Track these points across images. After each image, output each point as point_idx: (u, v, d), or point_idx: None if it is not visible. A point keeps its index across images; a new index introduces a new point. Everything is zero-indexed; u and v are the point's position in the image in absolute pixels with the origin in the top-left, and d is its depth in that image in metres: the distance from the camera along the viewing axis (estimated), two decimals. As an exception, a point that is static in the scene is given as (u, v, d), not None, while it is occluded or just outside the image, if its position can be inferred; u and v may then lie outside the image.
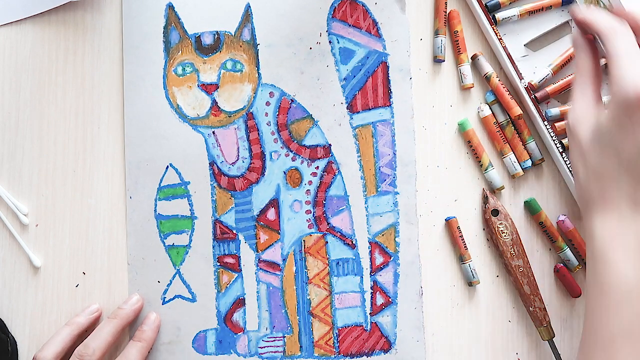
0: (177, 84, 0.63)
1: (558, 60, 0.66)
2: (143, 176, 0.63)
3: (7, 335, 0.61)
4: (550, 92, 0.66)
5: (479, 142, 0.65)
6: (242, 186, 0.63)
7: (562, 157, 0.65)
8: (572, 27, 0.67)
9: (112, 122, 0.63)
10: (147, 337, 0.61)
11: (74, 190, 0.63)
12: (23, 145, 0.62)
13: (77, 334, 0.60)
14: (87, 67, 0.63)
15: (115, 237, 0.63)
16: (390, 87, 0.64)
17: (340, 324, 0.64)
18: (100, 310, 0.62)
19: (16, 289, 0.62)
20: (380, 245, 0.64)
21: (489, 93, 0.65)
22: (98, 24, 0.63)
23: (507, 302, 0.66)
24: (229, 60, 0.63)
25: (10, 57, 0.63)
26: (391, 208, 0.64)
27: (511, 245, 0.64)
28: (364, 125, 0.64)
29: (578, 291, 0.66)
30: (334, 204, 0.64)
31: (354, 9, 0.64)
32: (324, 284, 0.64)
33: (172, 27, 0.63)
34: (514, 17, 0.65)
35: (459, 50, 0.65)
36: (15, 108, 0.62)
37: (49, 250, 0.62)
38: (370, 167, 0.64)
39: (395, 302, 0.64)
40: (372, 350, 0.64)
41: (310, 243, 0.64)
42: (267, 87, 0.64)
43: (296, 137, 0.64)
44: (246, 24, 0.63)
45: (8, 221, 0.62)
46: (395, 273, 0.64)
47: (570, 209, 0.67)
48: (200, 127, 0.63)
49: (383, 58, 0.64)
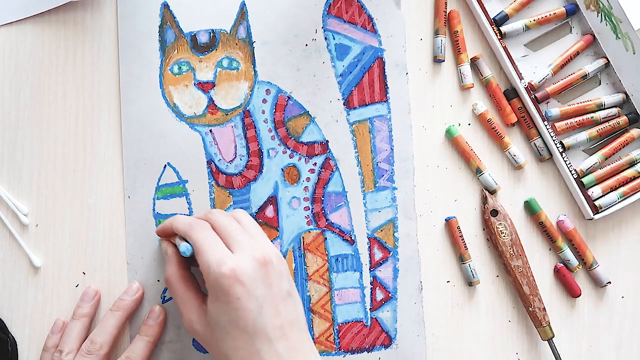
0: (174, 83, 0.63)
1: (558, 60, 0.66)
2: (141, 175, 0.63)
3: (7, 335, 0.61)
4: (550, 92, 0.66)
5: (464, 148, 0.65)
6: (240, 184, 0.63)
7: (562, 157, 0.65)
8: (572, 27, 0.67)
9: (112, 122, 0.63)
10: (154, 332, 0.61)
11: (74, 190, 0.63)
12: (23, 145, 0.63)
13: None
14: (87, 67, 0.63)
15: (115, 237, 0.63)
16: (386, 82, 0.65)
17: (341, 320, 0.63)
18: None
19: (16, 289, 0.62)
20: (379, 240, 0.64)
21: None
22: (98, 24, 0.64)
23: (507, 302, 0.66)
24: (225, 59, 0.64)
25: (10, 57, 0.63)
26: (389, 203, 0.64)
27: (510, 246, 0.64)
28: (361, 121, 0.64)
29: (578, 291, 0.66)
30: (332, 200, 0.64)
31: (349, 5, 0.65)
32: (323, 280, 0.63)
33: (167, 26, 0.63)
34: (519, 30, 0.66)
35: (459, 50, 0.66)
36: (15, 108, 0.63)
37: (49, 250, 0.62)
38: (368, 162, 0.64)
39: (395, 298, 0.63)
40: (372, 345, 0.63)
41: (309, 240, 0.64)
42: (263, 85, 0.64)
43: (293, 134, 0.64)
44: (241, 21, 0.64)
45: (8, 221, 0.62)
46: (394, 268, 0.64)
47: (570, 209, 0.67)
48: (197, 126, 0.63)
49: (379, 54, 0.65)
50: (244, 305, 0.52)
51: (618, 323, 0.67)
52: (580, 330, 0.66)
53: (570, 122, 0.66)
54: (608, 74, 0.67)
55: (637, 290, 0.67)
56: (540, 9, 0.67)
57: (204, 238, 0.55)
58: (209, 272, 0.53)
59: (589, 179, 0.66)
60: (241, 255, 0.54)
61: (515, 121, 0.66)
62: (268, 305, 0.53)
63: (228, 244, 0.55)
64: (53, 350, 0.60)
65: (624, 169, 0.67)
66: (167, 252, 0.60)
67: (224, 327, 0.53)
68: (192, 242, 0.56)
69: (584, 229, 0.67)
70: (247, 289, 0.52)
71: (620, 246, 0.67)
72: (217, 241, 0.55)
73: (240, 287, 0.52)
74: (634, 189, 0.66)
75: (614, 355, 0.66)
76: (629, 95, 0.66)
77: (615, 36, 0.65)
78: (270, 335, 0.52)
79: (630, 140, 0.66)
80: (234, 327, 0.52)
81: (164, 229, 0.60)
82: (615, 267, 0.67)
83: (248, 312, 0.52)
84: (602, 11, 0.65)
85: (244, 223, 0.58)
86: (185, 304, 0.57)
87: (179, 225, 0.58)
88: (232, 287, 0.52)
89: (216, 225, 0.57)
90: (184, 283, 0.58)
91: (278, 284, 0.54)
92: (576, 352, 0.66)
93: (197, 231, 0.56)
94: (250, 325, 0.52)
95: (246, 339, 0.52)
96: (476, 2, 0.65)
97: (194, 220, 0.57)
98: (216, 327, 0.54)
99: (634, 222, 0.68)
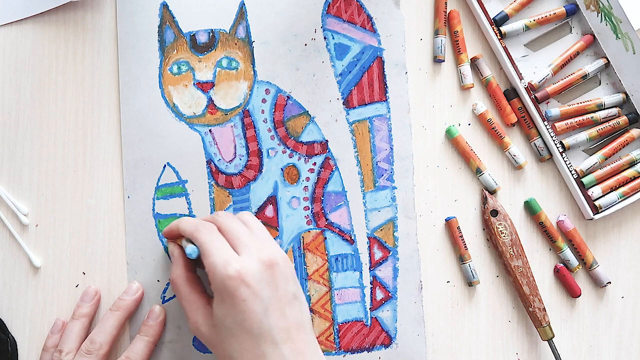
0: (173, 83, 0.63)
1: (558, 60, 0.66)
2: (141, 175, 0.63)
3: (7, 335, 0.61)
4: (550, 92, 0.66)
5: (464, 148, 0.65)
6: (240, 184, 0.63)
7: (562, 157, 0.65)
8: (571, 27, 0.67)
9: (112, 122, 0.63)
10: (154, 332, 0.61)
11: (74, 190, 0.63)
12: (23, 145, 0.63)
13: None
14: (87, 67, 0.63)
15: (115, 237, 0.63)
16: (386, 82, 0.65)
17: (341, 319, 0.63)
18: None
19: (16, 289, 0.62)
20: (379, 240, 0.64)
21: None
22: (98, 24, 0.64)
23: (507, 302, 0.66)
24: (224, 58, 0.64)
25: (10, 57, 0.63)
26: (389, 203, 0.64)
27: (510, 246, 0.64)
28: (361, 121, 0.64)
29: (578, 291, 0.66)
30: (332, 200, 0.64)
31: (348, 4, 0.65)
32: (323, 280, 0.63)
33: (166, 26, 0.63)
34: (519, 30, 0.66)
35: (459, 50, 0.66)
36: (15, 108, 0.63)
37: (49, 250, 0.62)
38: (368, 162, 0.64)
39: (395, 297, 0.63)
40: (373, 345, 0.63)
41: (309, 239, 0.64)
42: (262, 85, 0.64)
43: (293, 134, 0.64)
44: (241, 21, 0.64)
45: (8, 221, 0.62)
46: (394, 268, 0.64)
47: (570, 209, 0.67)
48: (196, 126, 0.63)
49: (378, 53, 0.65)
50: (250, 307, 0.52)
51: (618, 323, 0.67)
52: (580, 330, 0.66)
53: (570, 122, 0.66)
54: (608, 74, 0.67)
55: (637, 290, 0.67)
56: (540, 9, 0.67)
57: (210, 240, 0.55)
58: (215, 273, 0.53)
59: (589, 179, 0.66)
60: (247, 257, 0.54)
61: (515, 121, 0.66)
62: (274, 308, 0.53)
63: (234, 246, 0.55)
64: (53, 350, 0.60)
65: (624, 169, 0.67)
66: (174, 253, 0.60)
67: (229, 329, 0.53)
68: (198, 244, 0.56)
69: (584, 229, 0.67)
70: (253, 290, 0.52)
71: (620, 246, 0.67)
72: (223, 243, 0.55)
73: (246, 289, 0.52)
74: (634, 189, 0.66)
75: (614, 355, 0.66)
76: (629, 95, 0.66)
77: (615, 36, 0.65)
78: (275, 337, 0.52)
79: (630, 140, 0.66)
80: (240, 329, 0.52)
81: (171, 230, 0.60)
82: (615, 267, 0.67)
83: (254, 314, 0.52)
84: (602, 11, 0.65)
85: (251, 225, 0.58)
86: (190, 305, 0.57)
87: (186, 227, 0.58)
88: (238, 289, 0.52)
89: (222, 228, 0.57)
90: (190, 285, 0.58)
91: (284, 287, 0.54)
92: (576, 352, 0.66)
93: (204, 233, 0.56)
94: (256, 328, 0.52)
95: (251, 341, 0.52)
96: (476, 2, 0.65)
97: (200, 222, 0.57)
98: (222, 329, 0.54)
99: (634, 222, 0.68)
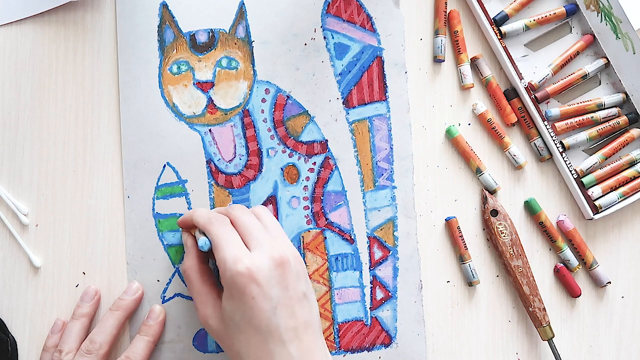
0: (173, 83, 0.63)
1: (558, 60, 0.66)
2: (140, 175, 0.63)
3: (7, 335, 0.61)
4: (550, 92, 0.66)
5: (464, 148, 0.65)
6: (240, 183, 0.63)
7: (562, 157, 0.65)
8: (571, 27, 0.67)
9: (112, 122, 0.63)
10: (154, 332, 0.61)
11: (74, 190, 0.63)
12: (23, 145, 0.63)
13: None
14: (87, 67, 0.64)
15: (115, 237, 0.63)
16: (385, 81, 0.65)
17: (341, 319, 0.63)
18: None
19: (16, 289, 0.62)
20: (379, 239, 0.64)
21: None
22: (98, 24, 0.64)
23: (507, 302, 0.66)
24: (224, 58, 0.64)
25: (10, 57, 0.63)
26: (389, 202, 0.64)
27: (510, 246, 0.64)
28: (360, 120, 0.64)
29: (578, 291, 0.66)
30: (331, 200, 0.64)
31: (348, 4, 0.65)
32: (323, 279, 0.63)
33: (166, 26, 0.63)
34: (519, 30, 0.66)
35: (459, 50, 0.66)
36: (15, 108, 0.63)
37: (49, 250, 0.63)
38: (368, 161, 0.64)
39: (395, 296, 0.63)
40: (373, 344, 0.63)
41: (309, 239, 0.63)
42: (262, 84, 0.64)
43: (293, 134, 0.64)
44: (240, 21, 0.64)
45: (8, 221, 0.62)
46: (394, 267, 0.64)
47: (570, 209, 0.67)
48: (196, 125, 0.63)
49: (378, 52, 0.65)
50: (259, 305, 0.52)
51: (618, 323, 0.67)
52: (580, 330, 0.66)
53: (570, 122, 0.66)
54: (608, 74, 0.67)
55: (637, 290, 0.67)
56: (540, 9, 0.67)
57: (222, 234, 0.55)
58: (225, 268, 0.53)
59: (589, 179, 0.66)
60: (258, 253, 0.54)
61: (515, 121, 0.66)
62: (283, 307, 0.53)
63: (246, 241, 0.55)
64: (53, 350, 0.60)
65: (624, 169, 0.67)
66: (187, 244, 0.59)
67: (237, 325, 0.53)
68: (210, 237, 0.55)
69: (584, 229, 0.67)
70: (262, 288, 0.52)
71: (620, 246, 0.67)
72: (235, 238, 0.55)
73: (256, 287, 0.52)
74: (634, 189, 0.66)
75: (614, 355, 0.66)
76: (629, 95, 0.66)
77: (615, 36, 0.65)
78: (283, 336, 0.52)
79: (630, 140, 0.66)
80: (248, 325, 0.52)
81: (185, 220, 0.60)
82: (615, 267, 0.67)
83: (262, 312, 0.52)
84: (602, 11, 0.65)
85: (264, 220, 0.58)
86: (201, 297, 0.57)
87: (199, 218, 0.57)
88: (248, 286, 0.52)
89: (236, 221, 0.56)
90: (201, 276, 0.58)
91: (294, 286, 0.54)
92: (576, 352, 0.66)
93: (216, 226, 0.55)
94: (264, 325, 0.52)
95: (259, 339, 0.52)
96: (476, 2, 0.65)
97: (214, 215, 0.57)
98: (230, 324, 0.54)
99: (634, 222, 0.67)
